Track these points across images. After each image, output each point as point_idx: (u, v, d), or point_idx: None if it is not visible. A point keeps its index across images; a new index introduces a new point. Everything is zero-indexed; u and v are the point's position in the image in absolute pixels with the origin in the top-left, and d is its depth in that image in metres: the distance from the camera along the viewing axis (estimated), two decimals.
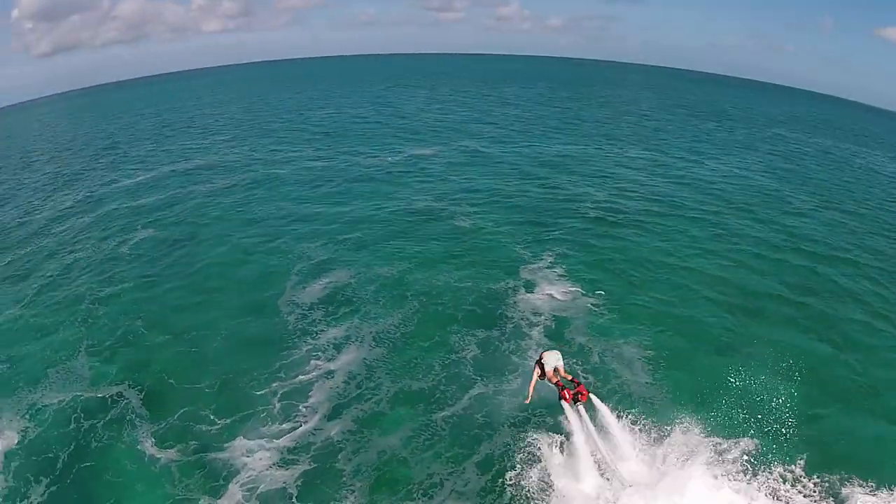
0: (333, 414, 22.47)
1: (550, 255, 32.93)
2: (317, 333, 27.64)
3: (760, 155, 65.24)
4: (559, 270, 31.07)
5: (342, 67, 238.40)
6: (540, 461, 18.69)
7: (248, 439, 21.34)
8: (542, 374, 17.60)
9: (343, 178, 52.22)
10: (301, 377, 24.46)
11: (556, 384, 17.43)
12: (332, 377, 24.56)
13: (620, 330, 25.64)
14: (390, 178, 51.30)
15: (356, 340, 26.97)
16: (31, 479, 20.52)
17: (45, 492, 20.00)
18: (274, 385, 23.94)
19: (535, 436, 19.77)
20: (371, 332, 27.44)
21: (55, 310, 32.24)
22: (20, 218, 49.77)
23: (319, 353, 26.20)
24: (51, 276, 36.58)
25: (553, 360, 17.49)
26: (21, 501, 19.68)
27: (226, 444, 21.12)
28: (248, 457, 20.49)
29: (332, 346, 26.70)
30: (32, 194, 57.89)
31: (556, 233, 36.71)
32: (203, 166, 60.40)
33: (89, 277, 35.70)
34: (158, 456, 20.90)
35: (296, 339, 27.16)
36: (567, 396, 17.10)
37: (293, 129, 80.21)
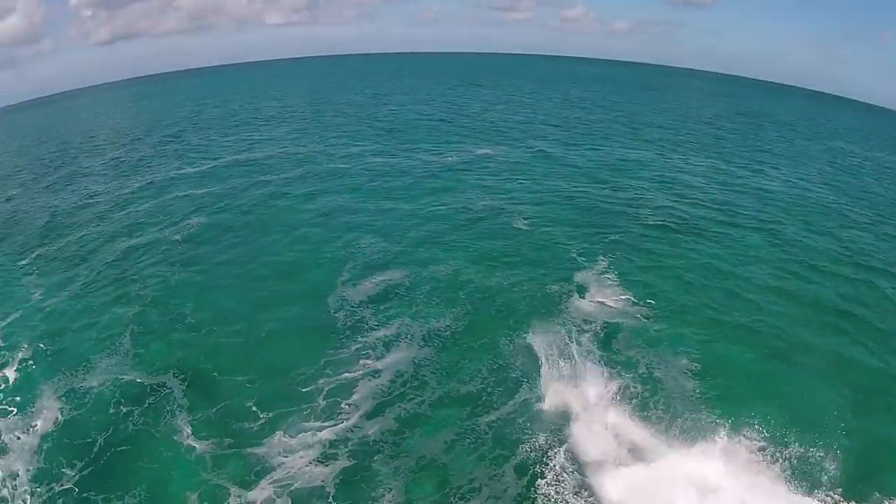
0: (376, 412, 22.10)
1: (605, 261, 32.69)
2: (366, 330, 27.38)
3: (819, 166, 64.34)
4: (612, 276, 30.82)
5: (407, 64, 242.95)
6: (578, 472, 18.50)
7: (288, 436, 20.91)
8: None
9: (404, 174, 52.50)
10: (347, 374, 24.17)
11: None
12: (379, 375, 24.20)
13: (669, 340, 25.24)
14: (451, 177, 51.39)
15: (405, 339, 26.61)
16: (67, 460, 20.68)
17: (79, 474, 20.08)
18: (320, 382, 23.68)
19: (573, 444, 19.51)
20: (421, 332, 27.09)
21: (106, 294, 32.86)
22: (80, 201, 51.36)
23: (368, 350, 25.87)
24: (106, 260, 37.40)
25: None
26: (55, 482, 19.78)
27: (264, 439, 20.76)
28: (285, 454, 20.11)
29: (381, 343, 26.35)
30: (94, 179, 59.87)
31: (612, 237, 36.36)
32: (264, 158, 61.39)
33: (143, 264, 36.30)
34: (194, 445, 20.73)
35: (345, 336, 26.93)
36: None
37: (357, 123, 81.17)
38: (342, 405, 22.51)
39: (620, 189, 47.06)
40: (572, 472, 18.44)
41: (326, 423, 21.51)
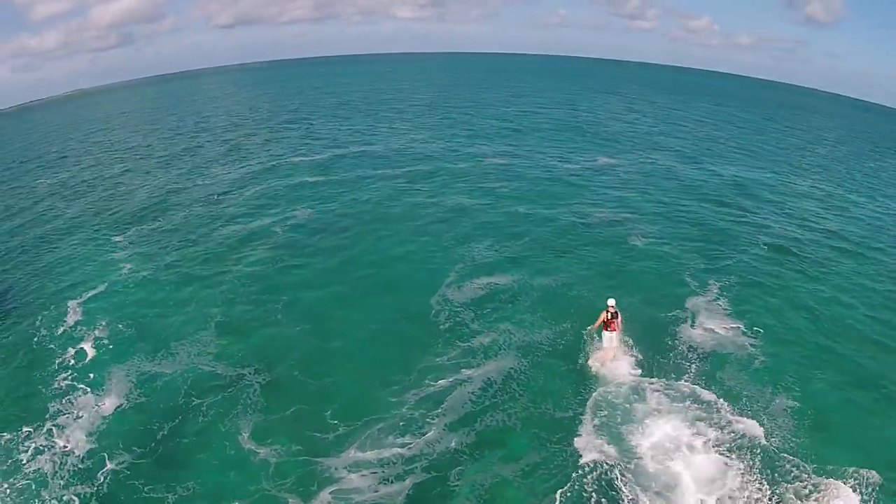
0: (459, 425, 21.32)
1: (717, 286, 31.93)
2: (465, 336, 26.81)
3: None
4: (723, 303, 30.04)
5: (533, 66, 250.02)
6: None
7: (361, 451, 19.91)
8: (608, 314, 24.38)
9: (521, 178, 52.90)
10: (440, 383, 23.49)
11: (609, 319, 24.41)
12: (470, 385, 23.47)
13: (773, 377, 24.08)
14: (570, 184, 51.45)
15: (504, 349, 25.90)
16: (125, 444, 20.90)
17: (133, 460, 20.18)
18: (408, 392, 22.89)
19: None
20: (521, 343, 26.31)
21: (197, 279, 33.94)
22: (188, 181, 54.97)
23: (464, 357, 25.22)
24: (202, 244, 38.97)
25: (611, 303, 24.53)
26: (107, 465, 20.00)
27: (334, 452, 19.92)
28: (354, 469, 19.30)
29: (479, 350, 25.76)
30: (208, 159, 64.29)
31: (727, 262, 35.48)
32: (382, 151, 63.46)
33: (241, 252, 37.38)
34: (258, 450, 20.13)
35: (441, 342, 26.33)
36: (612, 327, 24.55)
37: (480, 122, 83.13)
38: (426, 417, 21.60)
39: (738, 211, 46.20)
40: None
41: (405, 438, 20.54)
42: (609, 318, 24.58)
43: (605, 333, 24.80)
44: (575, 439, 20.66)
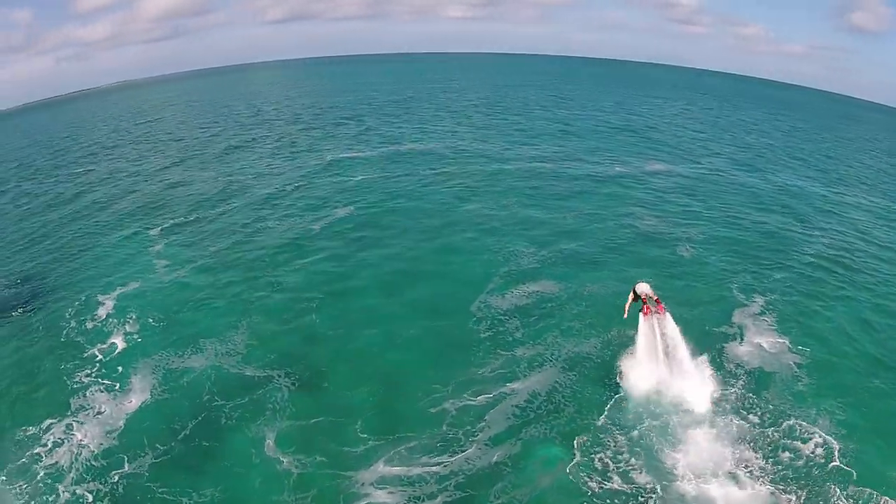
0: (498, 440, 20.61)
1: (763, 299, 31.25)
2: (508, 345, 26.06)
3: None
4: (770, 318, 29.32)
5: (586, 69, 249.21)
6: None
7: (390, 466, 19.08)
8: (636, 298, 23.28)
9: (571, 181, 52.26)
10: (480, 396, 22.70)
11: (643, 301, 23.28)
12: (514, 397, 22.69)
13: (815, 398, 23.32)
14: (619, 188, 50.70)
15: (549, 360, 25.08)
16: (148, 442, 20.68)
17: (152, 460, 19.94)
18: (445, 404, 22.15)
19: None
20: (567, 354, 25.51)
21: (233, 275, 33.78)
22: (235, 175, 55.62)
23: (506, 368, 24.41)
24: (241, 240, 38.93)
25: (643, 288, 23.33)
26: (126, 464, 19.80)
27: (363, 465, 19.17)
28: (380, 485, 18.55)
29: (523, 361, 24.92)
30: (257, 154, 65.30)
31: (774, 274, 34.61)
32: (430, 150, 63.37)
33: (280, 249, 37.25)
34: (283, 458, 19.52)
35: (483, 351, 25.55)
36: (645, 311, 23.20)
37: (530, 124, 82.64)
38: (464, 433, 20.80)
39: (786, 219, 45.30)
40: None
41: (440, 455, 19.73)
42: (642, 302, 23.52)
43: (643, 320, 23.68)
44: (615, 454, 19.98)
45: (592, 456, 19.95)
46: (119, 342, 27.23)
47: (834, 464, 19.65)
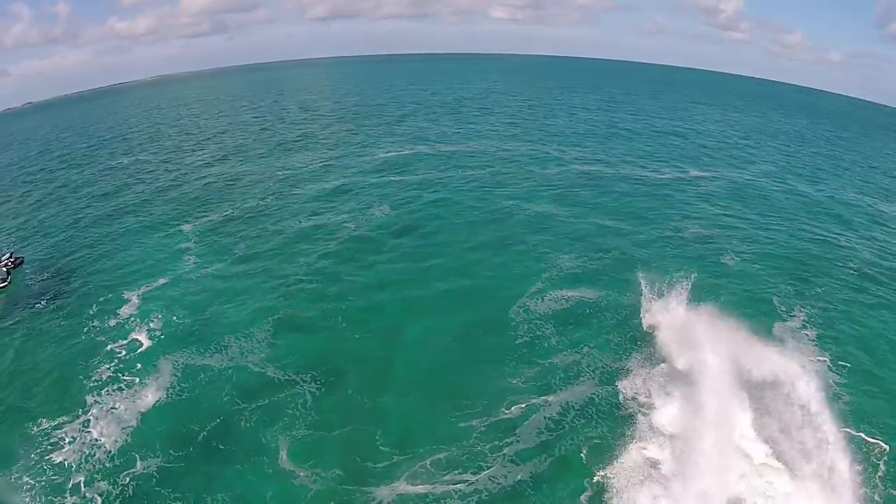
0: (528, 456, 19.70)
1: (804, 312, 30.49)
2: (543, 353, 25.22)
3: None
4: (810, 333, 28.57)
5: (630, 72, 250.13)
6: None
7: (412, 483, 18.17)
8: None
9: (612, 186, 51.40)
10: (513, 407, 21.81)
11: None
12: (546, 410, 21.74)
13: (855, 417, 22.36)
14: (661, 195, 49.68)
15: (585, 372, 24.16)
16: (158, 446, 20.16)
17: (163, 463, 19.50)
18: (476, 420, 21.10)
19: None
20: (604, 366, 24.61)
21: (263, 275, 33.32)
22: (276, 172, 55.52)
23: (540, 380, 23.46)
24: (274, 239, 38.56)
25: None
26: (136, 464, 19.40)
27: (384, 482, 18.32)
28: None
29: (557, 372, 24.01)
30: (289, 151, 65.49)
31: (815, 287, 33.62)
32: (468, 151, 62.82)
33: (313, 249, 36.62)
34: (300, 470, 18.83)
35: (517, 359, 24.68)
36: None
37: (573, 126, 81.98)
38: (493, 448, 19.81)
39: (828, 230, 44.07)
40: None
41: (464, 471, 18.81)
42: None
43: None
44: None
45: (621, 478, 19.19)
46: (140, 339, 26.94)
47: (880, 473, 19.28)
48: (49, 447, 20.36)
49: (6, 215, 50.15)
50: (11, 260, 36.22)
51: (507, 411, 21.73)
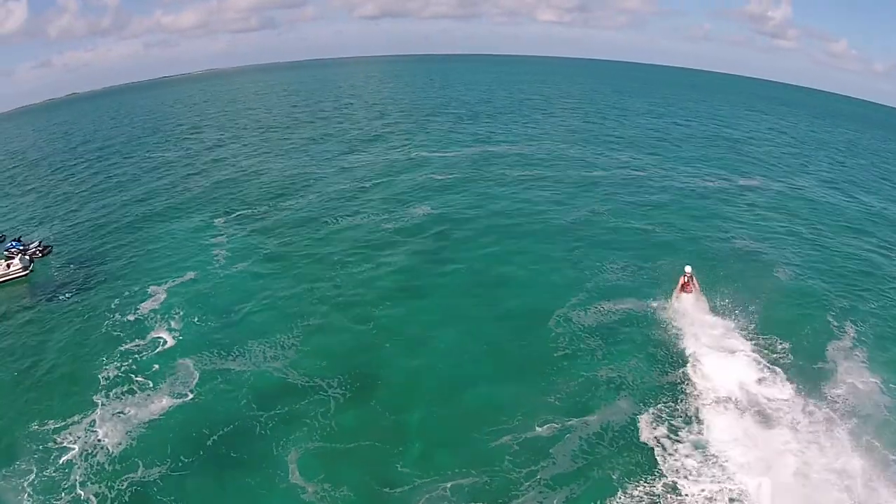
0: (562, 481, 18.20)
1: (854, 329, 28.53)
2: (585, 367, 23.84)
3: None
4: (861, 352, 26.52)
5: (677, 78, 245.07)
6: None
7: None
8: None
9: (661, 192, 50.34)
10: (547, 426, 20.28)
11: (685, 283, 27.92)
12: (584, 430, 20.23)
13: None
14: (710, 204, 48.28)
15: (628, 388, 22.67)
16: (164, 452, 19.44)
17: (167, 472, 18.73)
18: (506, 438, 19.75)
19: None
20: (648, 384, 23.15)
21: (293, 275, 32.70)
22: (313, 169, 55.64)
23: (579, 397, 21.98)
24: (308, 236, 38.15)
25: (687, 269, 28.05)
26: (149, 469, 18.75)
27: None
28: None
29: (599, 388, 22.61)
30: (332, 150, 65.16)
31: (870, 304, 31.62)
32: (513, 153, 61.98)
33: (342, 250, 35.98)
34: (308, 487, 17.79)
35: (556, 372, 23.32)
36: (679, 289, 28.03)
37: (620, 132, 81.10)
38: (523, 472, 18.39)
39: (882, 245, 42.29)
40: None
41: (490, 499, 17.44)
42: (686, 281, 28.05)
43: (683, 295, 28.03)
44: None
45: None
46: (159, 338, 26.34)
47: None
48: (52, 448, 19.82)
49: (40, 203, 51.29)
50: (40, 249, 36.42)
51: (541, 429, 20.34)
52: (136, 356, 24.84)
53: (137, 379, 23.19)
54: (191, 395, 22.35)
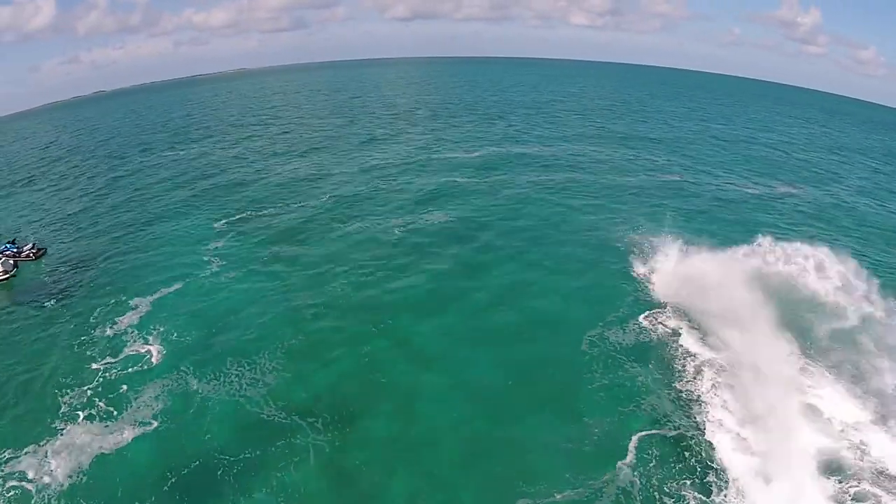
0: None
1: None
2: (623, 399, 22.36)
3: None
4: None
5: (709, 83, 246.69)
6: None
7: None
8: None
9: (696, 197, 48.87)
10: (570, 491, 18.29)
11: None
12: (614, 484, 18.53)
13: None
14: (750, 210, 46.80)
15: (672, 418, 21.26)
16: (125, 487, 18.55)
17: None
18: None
19: None
20: (694, 416, 21.68)
21: (286, 288, 31.37)
22: (326, 170, 54.81)
23: (613, 442, 20.19)
24: (302, 246, 36.74)
25: None
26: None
27: None
28: None
29: (641, 419, 21.21)
30: (350, 151, 64.35)
31: None
32: (538, 155, 61.29)
33: (344, 259, 34.59)
34: None
35: (590, 409, 21.62)
36: None
37: (655, 135, 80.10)
38: None
39: None
40: None
41: None
42: None
43: None
44: None
45: None
46: (133, 355, 25.37)
47: None
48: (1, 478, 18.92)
49: (43, 204, 51.02)
50: (34, 250, 35.89)
51: (568, 495, 18.18)
52: (105, 375, 23.86)
53: (100, 404, 22.19)
54: (155, 424, 21.16)
